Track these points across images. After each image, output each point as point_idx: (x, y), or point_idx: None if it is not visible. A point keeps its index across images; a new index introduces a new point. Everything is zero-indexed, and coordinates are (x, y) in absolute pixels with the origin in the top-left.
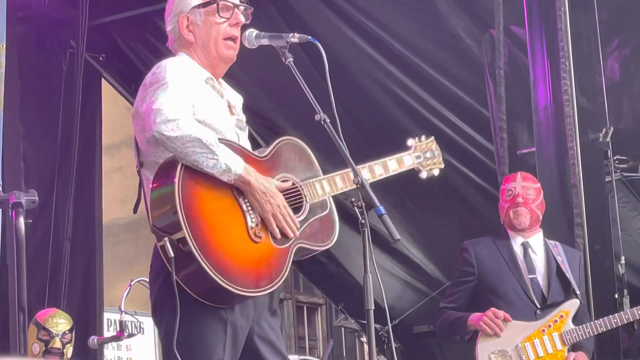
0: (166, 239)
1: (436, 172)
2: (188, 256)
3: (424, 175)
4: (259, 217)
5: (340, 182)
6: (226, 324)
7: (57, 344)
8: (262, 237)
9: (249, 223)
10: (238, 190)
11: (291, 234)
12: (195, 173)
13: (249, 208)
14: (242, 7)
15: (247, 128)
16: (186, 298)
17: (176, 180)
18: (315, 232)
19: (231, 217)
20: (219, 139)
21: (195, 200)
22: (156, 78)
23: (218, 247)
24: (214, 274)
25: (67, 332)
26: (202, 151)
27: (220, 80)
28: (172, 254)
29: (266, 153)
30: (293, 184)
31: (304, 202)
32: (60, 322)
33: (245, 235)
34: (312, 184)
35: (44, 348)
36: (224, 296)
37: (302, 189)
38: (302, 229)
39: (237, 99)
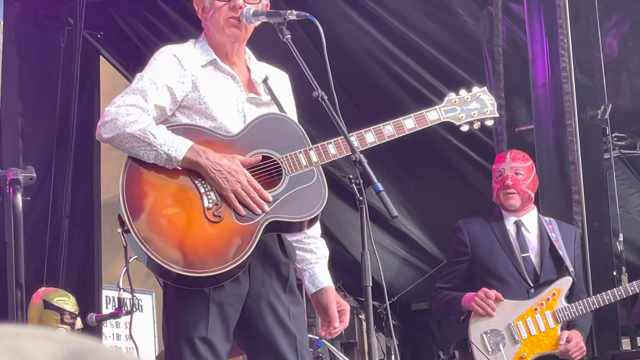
0: (119, 229)
1: (489, 123)
2: (139, 247)
3: (465, 128)
4: (219, 198)
5: (334, 149)
6: (209, 301)
7: (80, 323)
8: (222, 216)
9: (206, 204)
10: (195, 173)
11: (258, 210)
12: (145, 163)
13: (207, 189)
14: None
15: (271, 103)
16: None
17: (122, 172)
18: (295, 204)
19: (184, 201)
20: (176, 125)
21: (141, 189)
22: (146, 66)
23: (167, 233)
24: (162, 261)
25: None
26: (139, 145)
27: (250, 56)
28: (124, 244)
29: (238, 132)
30: (265, 157)
31: (283, 175)
32: (74, 302)
33: (200, 218)
34: (294, 155)
35: (70, 330)
36: (189, 280)
37: (282, 162)
38: (276, 202)
39: (260, 75)
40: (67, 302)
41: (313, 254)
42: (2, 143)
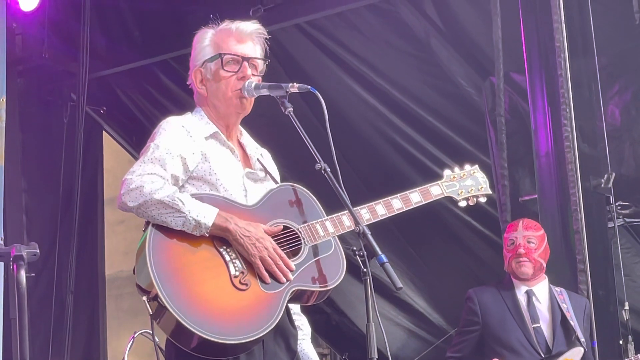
0: (144, 297)
1: (482, 200)
2: (167, 313)
3: (462, 204)
4: (244, 265)
5: (348, 220)
6: None
7: None
8: (248, 284)
9: (232, 272)
10: (221, 241)
11: (283, 279)
12: (169, 230)
13: (232, 257)
14: (255, 60)
15: (266, 179)
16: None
17: (147, 239)
18: (316, 274)
19: (211, 268)
20: (195, 194)
21: (168, 256)
22: (152, 137)
23: (196, 300)
24: (193, 327)
25: None
26: (167, 212)
27: (242, 132)
28: (150, 312)
29: (256, 202)
30: (285, 227)
31: (302, 245)
32: None
33: (228, 285)
34: (312, 225)
35: None
36: (214, 348)
37: (301, 232)
38: (299, 271)
39: (256, 151)
40: None
41: (300, 330)
42: (6, 219)
